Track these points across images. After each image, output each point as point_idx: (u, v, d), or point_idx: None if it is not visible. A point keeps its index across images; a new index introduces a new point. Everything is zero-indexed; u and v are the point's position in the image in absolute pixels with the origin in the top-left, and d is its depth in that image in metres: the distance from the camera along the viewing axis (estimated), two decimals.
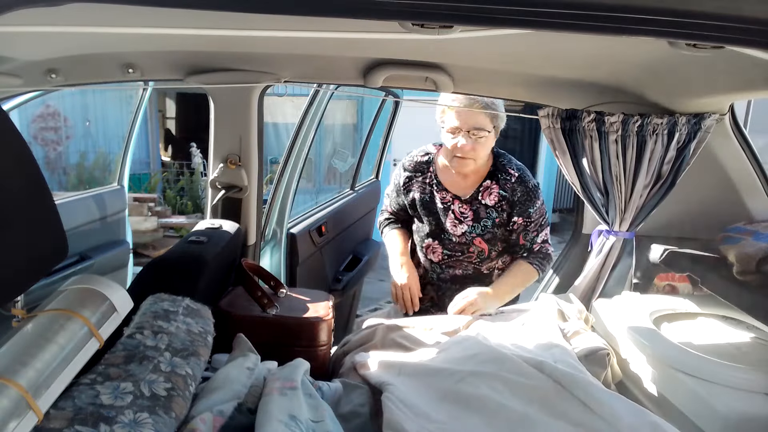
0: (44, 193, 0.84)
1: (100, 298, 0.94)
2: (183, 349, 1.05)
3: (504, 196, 2.07)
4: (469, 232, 2.14)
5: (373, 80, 1.90)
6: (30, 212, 0.82)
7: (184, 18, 1.35)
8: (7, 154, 0.78)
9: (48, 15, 1.23)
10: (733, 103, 1.92)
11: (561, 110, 1.92)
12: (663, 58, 1.60)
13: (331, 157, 8.48)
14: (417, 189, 2.22)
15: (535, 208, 2.08)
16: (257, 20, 1.39)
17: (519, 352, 1.46)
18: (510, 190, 2.07)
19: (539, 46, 1.62)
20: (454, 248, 2.19)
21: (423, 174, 2.22)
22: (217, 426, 0.94)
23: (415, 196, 2.22)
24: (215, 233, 1.87)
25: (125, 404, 0.83)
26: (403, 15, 0.89)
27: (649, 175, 1.93)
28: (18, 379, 0.74)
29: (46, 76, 1.83)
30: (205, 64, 1.91)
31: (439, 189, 2.17)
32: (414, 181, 2.23)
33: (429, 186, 2.20)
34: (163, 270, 1.59)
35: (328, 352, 1.70)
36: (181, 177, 9.26)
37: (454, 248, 2.19)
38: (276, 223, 2.62)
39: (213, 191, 2.14)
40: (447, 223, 2.16)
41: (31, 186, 0.82)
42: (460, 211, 2.14)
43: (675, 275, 2.06)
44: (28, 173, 0.81)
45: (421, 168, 2.23)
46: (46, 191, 0.84)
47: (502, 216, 2.10)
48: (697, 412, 1.43)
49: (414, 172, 2.24)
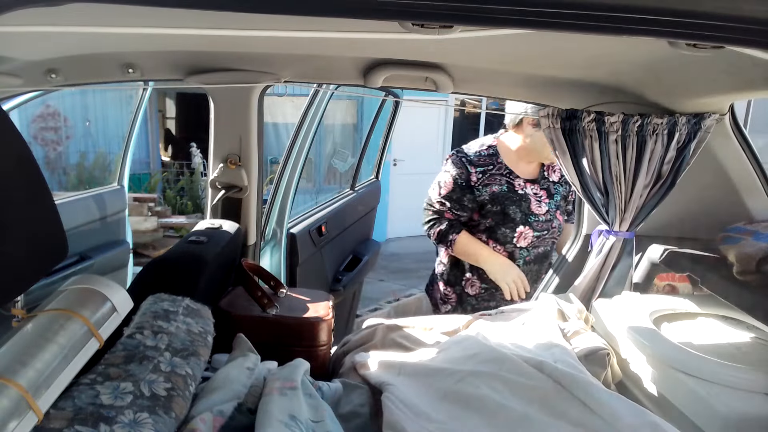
0: (44, 193, 0.84)
1: (100, 298, 0.94)
2: (183, 349, 1.05)
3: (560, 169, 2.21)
4: (549, 209, 2.33)
5: (373, 80, 1.90)
6: (30, 212, 0.82)
7: (184, 18, 1.35)
8: (8, 154, 0.78)
9: (48, 15, 1.23)
10: (733, 103, 1.92)
11: (561, 110, 1.92)
12: (663, 58, 1.60)
13: (331, 157, 8.48)
14: (494, 182, 2.30)
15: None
16: (257, 20, 1.39)
17: (519, 352, 1.46)
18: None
19: (539, 46, 1.62)
20: (542, 228, 2.34)
21: (494, 166, 2.31)
22: (217, 426, 0.94)
23: (494, 189, 2.29)
24: (215, 233, 1.88)
25: (125, 404, 0.83)
26: (404, 15, 0.89)
27: (649, 175, 1.93)
28: (18, 379, 0.74)
29: (46, 76, 1.84)
30: (205, 64, 1.91)
31: (513, 177, 2.30)
32: (488, 175, 2.30)
33: (504, 176, 2.30)
34: (163, 270, 1.59)
35: (328, 352, 1.71)
36: (181, 177, 9.26)
37: (542, 228, 2.34)
38: (276, 223, 2.62)
39: (213, 191, 2.14)
40: (531, 206, 2.30)
41: (32, 186, 0.82)
42: (534, 192, 2.32)
43: (675, 275, 2.06)
44: (29, 173, 0.81)
45: (491, 161, 2.32)
46: (47, 191, 0.84)
47: (566, 188, 2.37)
48: (697, 412, 1.43)
49: (486, 167, 2.31)
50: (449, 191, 2.33)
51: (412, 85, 1.97)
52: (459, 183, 2.31)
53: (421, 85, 1.92)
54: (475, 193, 2.30)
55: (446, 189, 2.34)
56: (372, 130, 4.21)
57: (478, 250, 2.32)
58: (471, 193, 2.31)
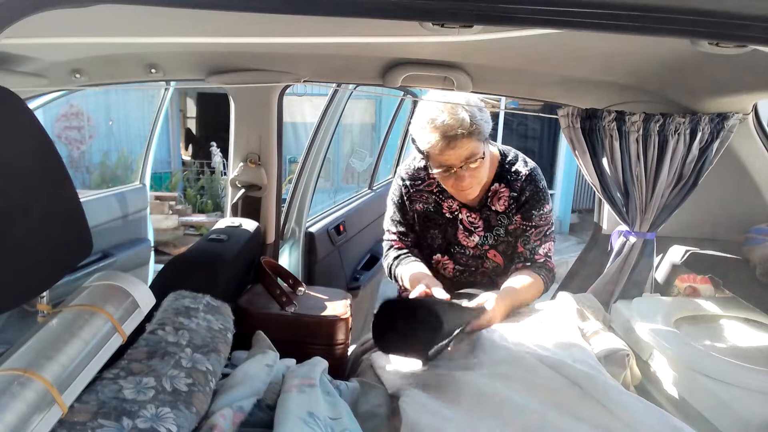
0: (70, 191, 0.85)
1: (124, 294, 0.95)
2: (203, 345, 1.06)
3: (514, 197, 1.86)
4: (482, 243, 1.91)
5: (392, 80, 1.90)
6: (56, 209, 0.83)
7: (207, 21, 1.37)
8: (34, 152, 0.80)
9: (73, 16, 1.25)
10: (757, 102, 1.89)
11: (581, 110, 1.91)
12: (685, 57, 1.59)
13: (350, 157, 8.51)
14: (420, 199, 1.94)
15: (541, 213, 1.85)
16: (278, 23, 1.40)
17: (537, 351, 1.45)
18: (519, 189, 1.85)
19: (560, 46, 1.61)
20: (468, 263, 1.96)
21: (423, 182, 1.93)
22: (237, 421, 0.95)
23: (417, 207, 1.94)
24: (235, 231, 1.89)
25: (147, 399, 0.84)
26: (424, 15, 0.89)
27: (670, 175, 1.91)
28: (43, 373, 0.75)
29: (71, 76, 1.87)
30: (226, 64, 1.93)
31: (445, 197, 1.91)
32: (415, 191, 1.94)
33: (432, 194, 1.93)
34: (184, 267, 1.61)
35: (345, 350, 1.71)
36: (201, 176, 9.36)
37: (467, 263, 1.96)
38: (295, 221, 2.64)
39: (233, 190, 2.16)
40: (458, 234, 1.93)
41: (57, 183, 0.83)
42: (470, 220, 1.91)
43: (696, 277, 2.04)
44: (54, 171, 0.83)
45: (421, 175, 1.93)
46: (72, 189, 0.86)
47: (513, 220, 1.87)
48: (718, 416, 1.41)
49: (414, 181, 1.94)
50: (392, 214, 2.01)
51: (431, 84, 1.97)
52: (397, 200, 1.98)
53: (440, 84, 1.92)
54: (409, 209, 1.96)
55: (391, 211, 2.02)
56: (390, 129, 4.21)
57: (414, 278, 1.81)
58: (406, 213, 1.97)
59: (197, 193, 8.97)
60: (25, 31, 0.80)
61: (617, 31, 0.81)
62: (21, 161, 0.77)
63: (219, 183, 8.92)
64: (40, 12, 0.72)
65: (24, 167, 0.77)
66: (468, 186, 1.74)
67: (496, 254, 1.94)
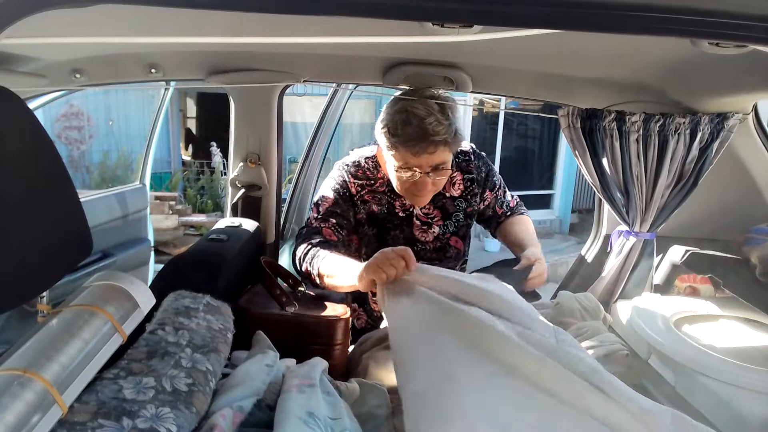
0: (70, 191, 0.85)
1: (124, 294, 0.95)
2: (203, 345, 1.06)
3: (471, 179, 1.89)
4: (442, 233, 1.89)
5: (392, 80, 1.91)
6: (56, 209, 0.84)
7: (207, 21, 1.37)
8: (34, 152, 0.80)
9: (73, 16, 1.25)
10: (757, 102, 1.89)
11: (581, 109, 1.91)
12: (685, 57, 1.59)
13: None
14: (374, 201, 1.86)
15: (495, 177, 1.99)
16: (279, 23, 1.40)
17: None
18: (475, 169, 1.90)
19: (560, 46, 1.61)
20: (430, 257, 1.91)
21: (374, 181, 1.87)
22: (237, 421, 0.95)
23: (373, 208, 1.86)
24: (235, 231, 1.89)
25: (147, 399, 0.84)
26: (424, 15, 0.89)
27: (670, 175, 1.91)
28: (43, 373, 0.75)
29: (71, 75, 1.87)
30: (226, 64, 1.93)
31: (396, 197, 1.86)
32: (368, 192, 1.86)
33: (385, 195, 1.87)
34: (184, 267, 1.61)
35: (345, 351, 1.71)
36: (201, 176, 9.36)
37: (430, 257, 1.91)
38: (295, 221, 2.64)
39: (233, 190, 2.16)
40: (414, 231, 1.88)
41: (57, 183, 0.83)
42: (424, 212, 1.88)
43: (696, 277, 2.04)
44: (54, 171, 0.83)
45: (372, 174, 1.87)
46: (72, 188, 0.86)
47: (471, 202, 1.89)
48: (718, 416, 1.41)
49: (367, 180, 1.86)
50: (328, 204, 1.84)
51: (431, 84, 1.97)
52: (342, 193, 1.85)
53: (440, 84, 1.92)
54: (355, 209, 1.87)
55: (327, 201, 1.84)
56: None
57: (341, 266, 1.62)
58: (352, 208, 1.86)
59: (197, 193, 8.97)
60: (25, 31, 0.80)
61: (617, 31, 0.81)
62: (21, 161, 0.77)
63: (219, 183, 8.92)
64: (40, 12, 0.73)
65: (24, 167, 0.77)
66: (425, 193, 1.74)
67: (457, 240, 1.95)
